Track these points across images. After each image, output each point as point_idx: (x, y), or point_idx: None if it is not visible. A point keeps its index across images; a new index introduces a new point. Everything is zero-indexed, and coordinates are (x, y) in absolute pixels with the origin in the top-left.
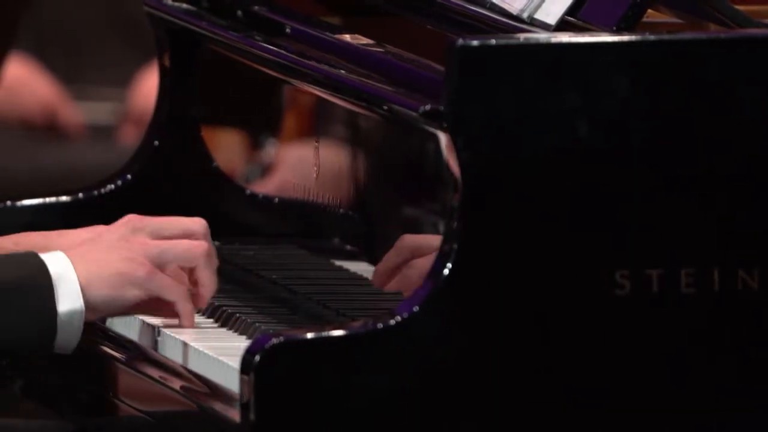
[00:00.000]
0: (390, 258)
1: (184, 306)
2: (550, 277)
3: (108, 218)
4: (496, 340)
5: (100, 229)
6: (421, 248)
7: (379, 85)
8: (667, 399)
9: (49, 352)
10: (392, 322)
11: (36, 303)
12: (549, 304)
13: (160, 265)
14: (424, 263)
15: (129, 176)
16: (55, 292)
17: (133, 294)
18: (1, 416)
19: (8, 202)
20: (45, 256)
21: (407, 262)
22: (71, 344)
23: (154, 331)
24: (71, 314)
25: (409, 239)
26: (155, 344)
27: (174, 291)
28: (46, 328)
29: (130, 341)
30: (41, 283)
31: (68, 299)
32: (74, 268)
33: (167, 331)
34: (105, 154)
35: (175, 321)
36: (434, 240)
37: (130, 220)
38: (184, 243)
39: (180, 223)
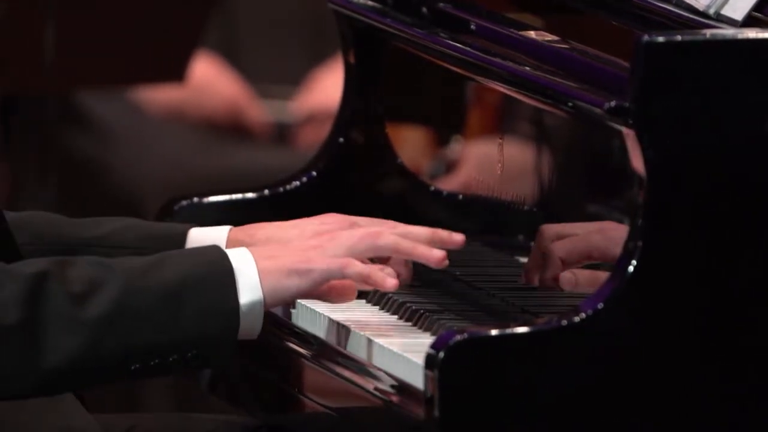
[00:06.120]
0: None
1: (369, 274)
2: (735, 275)
3: (293, 215)
4: (679, 338)
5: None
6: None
7: (564, 81)
8: None
9: (233, 343)
10: (576, 318)
11: (219, 296)
12: (734, 302)
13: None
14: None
15: (314, 173)
16: (237, 284)
17: (294, 283)
18: (188, 411)
19: (195, 199)
20: (229, 251)
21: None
22: (254, 332)
23: (339, 327)
24: (252, 305)
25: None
26: (340, 340)
27: (348, 269)
28: (230, 320)
29: (315, 337)
30: (224, 276)
31: (248, 291)
32: (255, 261)
33: (352, 327)
34: (289, 153)
35: (360, 317)
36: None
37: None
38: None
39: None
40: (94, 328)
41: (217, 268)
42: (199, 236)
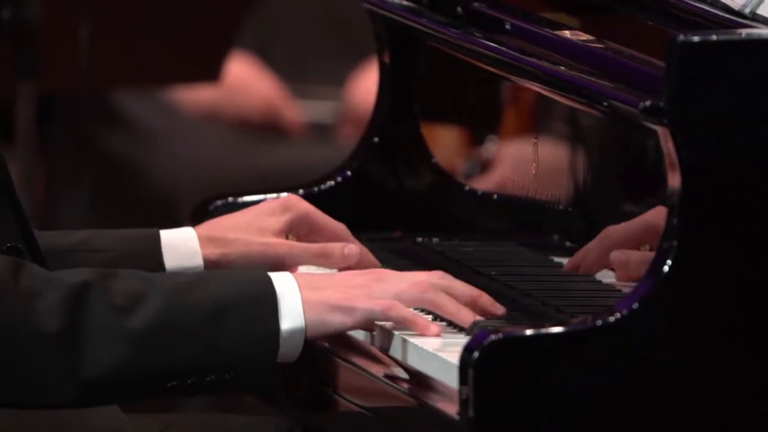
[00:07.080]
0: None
1: (413, 320)
2: None
3: (327, 214)
4: (714, 338)
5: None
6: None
7: (599, 81)
8: None
9: (271, 367)
10: (611, 318)
11: (261, 319)
12: None
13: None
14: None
15: (348, 173)
16: (279, 309)
17: (337, 320)
18: (223, 411)
19: (230, 198)
20: (273, 275)
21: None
22: (292, 358)
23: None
24: (292, 332)
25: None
26: (375, 340)
27: (392, 312)
28: (270, 344)
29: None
30: (267, 299)
31: (290, 317)
32: (299, 289)
33: (387, 326)
34: (324, 153)
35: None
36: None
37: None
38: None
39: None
40: (135, 342)
41: (260, 290)
42: (170, 237)
